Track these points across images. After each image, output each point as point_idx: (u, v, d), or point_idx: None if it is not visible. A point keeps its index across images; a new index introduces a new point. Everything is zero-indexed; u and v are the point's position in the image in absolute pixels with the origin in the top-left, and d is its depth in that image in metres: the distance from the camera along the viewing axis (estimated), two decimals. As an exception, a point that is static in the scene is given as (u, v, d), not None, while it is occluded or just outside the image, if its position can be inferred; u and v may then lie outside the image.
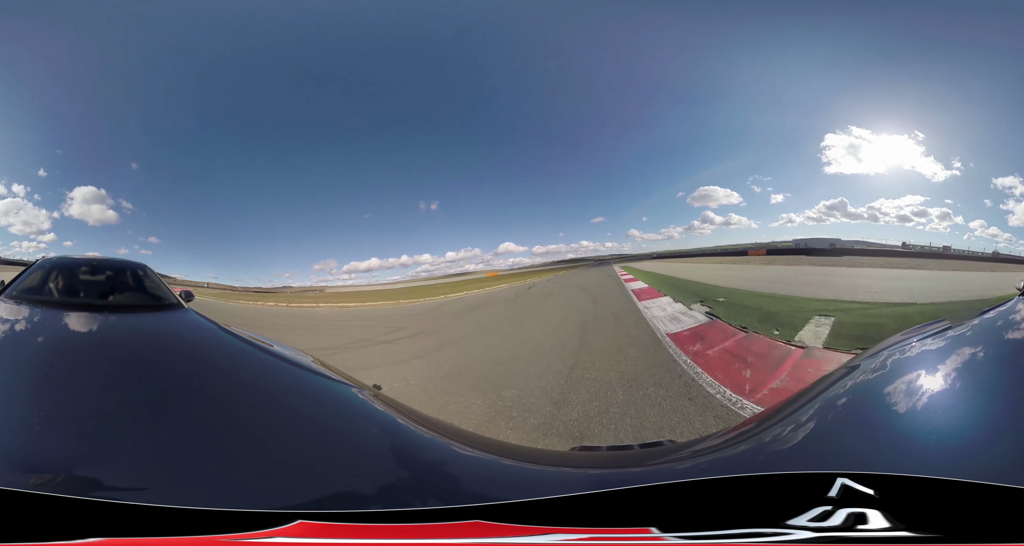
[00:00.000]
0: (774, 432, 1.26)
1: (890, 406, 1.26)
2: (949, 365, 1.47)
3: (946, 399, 1.24)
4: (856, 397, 1.38)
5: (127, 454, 1.17)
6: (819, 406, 1.35)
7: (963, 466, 0.92)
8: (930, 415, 1.18)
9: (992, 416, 1.12)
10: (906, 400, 1.27)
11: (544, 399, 5.41)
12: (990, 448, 1.00)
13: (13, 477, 0.99)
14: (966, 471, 0.89)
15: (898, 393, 1.33)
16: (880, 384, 1.47)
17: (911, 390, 1.32)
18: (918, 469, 0.91)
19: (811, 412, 1.32)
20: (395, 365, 7.39)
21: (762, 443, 1.23)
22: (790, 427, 1.27)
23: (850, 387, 1.44)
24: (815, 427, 1.24)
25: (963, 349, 1.60)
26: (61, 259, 4.10)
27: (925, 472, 0.89)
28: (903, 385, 1.37)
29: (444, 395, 5.76)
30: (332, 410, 1.76)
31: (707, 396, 5.25)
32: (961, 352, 1.57)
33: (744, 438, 1.27)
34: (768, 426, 1.29)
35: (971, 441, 1.03)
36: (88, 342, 2.45)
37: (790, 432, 1.25)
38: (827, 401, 1.37)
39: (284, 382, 2.05)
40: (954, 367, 1.45)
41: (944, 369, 1.44)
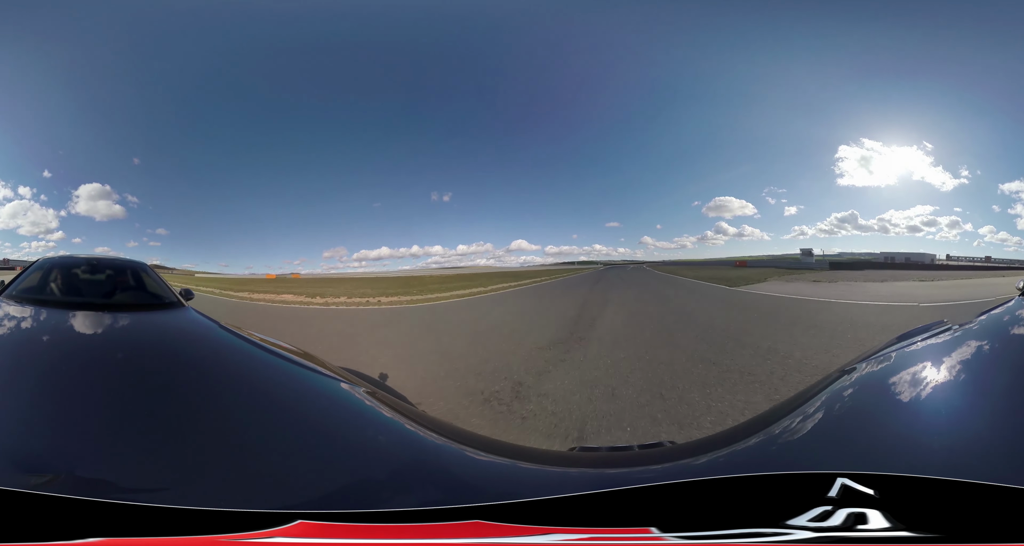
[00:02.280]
0: (774, 432, 1.26)
1: (890, 406, 1.26)
2: (949, 365, 1.47)
3: (946, 399, 1.24)
4: (856, 397, 1.38)
5: (127, 454, 1.17)
6: (819, 406, 1.35)
7: (963, 466, 0.92)
8: (930, 415, 1.18)
9: (992, 416, 1.12)
10: (906, 400, 1.27)
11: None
12: (990, 448, 1.00)
13: (13, 477, 0.99)
14: (966, 471, 0.89)
15: (898, 393, 1.33)
16: (880, 384, 1.47)
17: (911, 390, 1.32)
18: (918, 469, 0.91)
19: (811, 412, 1.32)
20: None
21: (762, 443, 1.23)
22: (790, 427, 1.27)
23: (850, 387, 1.44)
24: (815, 427, 1.24)
25: (963, 349, 1.60)
26: (61, 259, 4.10)
27: (925, 472, 0.89)
28: (903, 385, 1.37)
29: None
30: (333, 409, 1.76)
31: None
32: (961, 352, 1.58)
33: (744, 438, 1.27)
34: (768, 426, 1.29)
35: (971, 441, 1.03)
36: (88, 341, 2.46)
37: (790, 432, 1.25)
38: (827, 401, 1.37)
39: (285, 381, 2.05)
40: (954, 367, 1.45)
41: (944, 369, 1.44)
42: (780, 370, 5.88)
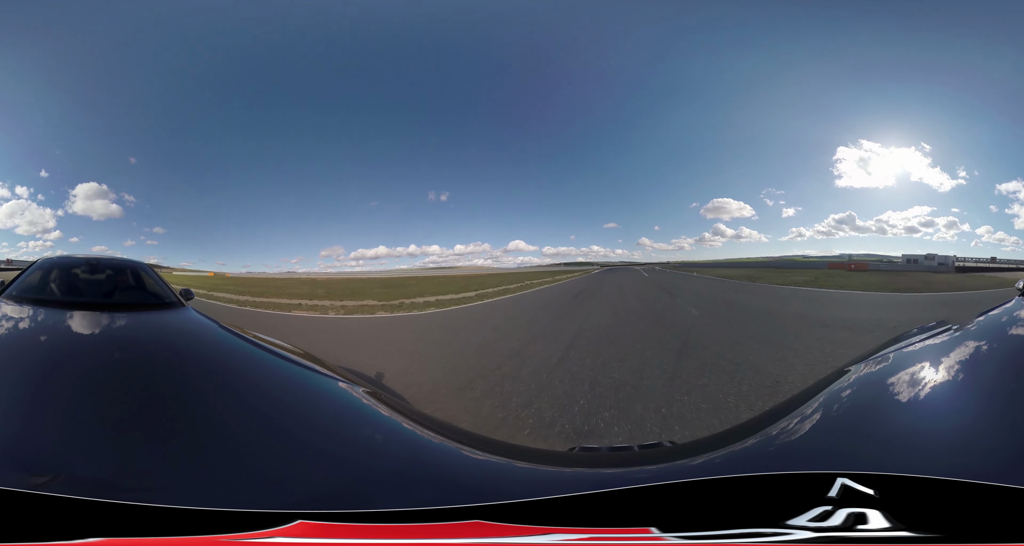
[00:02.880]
0: (774, 432, 1.26)
1: (890, 406, 1.26)
2: (950, 365, 1.47)
3: (946, 399, 1.24)
4: (857, 397, 1.38)
5: (127, 454, 1.17)
6: (819, 406, 1.35)
7: (963, 466, 0.92)
8: (930, 415, 1.18)
9: (992, 416, 1.12)
10: (906, 400, 1.27)
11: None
12: (990, 448, 1.00)
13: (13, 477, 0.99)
14: (966, 471, 0.89)
15: (899, 393, 1.33)
16: (881, 384, 1.47)
17: (912, 390, 1.32)
18: (918, 469, 0.91)
19: (811, 412, 1.32)
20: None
21: (762, 443, 1.23)
22: (790, 427, 1.27)
23: (851, 387, 1.44)
24: (815, 427, 1.24)
25: (963, 349, 1.60)
26: (61, 259, 4.10)
27: (925, 472, 0.89)
28: (904, 385, 1.37)
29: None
30: (332, 409, 1.76)
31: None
32: (961, 352, 1.58)
33: (744, 438, 1.27)
34: (768, 426, 1.29)
35: (971, 441, 1.03)
36: (88, 341, 2.45)
37: (790, 432, 1.25)
38: (828, 401, 1.37)
39: (285, 381, 2.05)
40: (955, 367, 1.45)
41: (944, 369, 1.44)
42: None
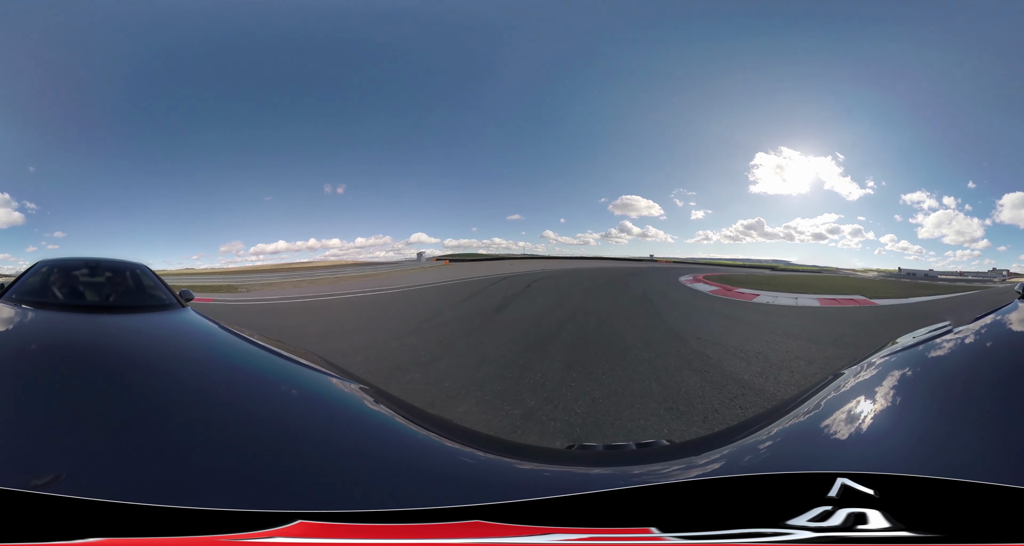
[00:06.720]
0: (774, 432, 1.26)
1: (891, 406, 1.26)
2: (950, 366, 1.47)
3: (946, 400, 1.24)
4: (857, 397, 1.38)
5: (127, 454, 1.17)
6: (820, 406, 1.35)
7: (963, 466, 0.92)
8: (931, 415, 1.18)
9: (992, 417, 1.12)
10: (907, 400, 1.27)
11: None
12: (990, 448, 1.00)
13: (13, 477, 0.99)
14: (966, 471, 0.89)
15: (899, 393, 1.33)
16: (880, 385, 1.47)
17: (912, 390, 1.32)
18: (918, 469, 0.91)
19: (812, 412, 1.32)
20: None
21: (762, 443, 1.23)
22: (789, 427, 1.27)
23: (851, 387, 1.44)
24: (815, 427, 1.24)
25: (964, 350, 1.61)
26: (60, 261, 4.10)
27: (925, 472, 0.90)
28: (904, 386, 1.37)
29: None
30: (332, 409, 1.76)
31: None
32: (960, 354, 1.58)
33: (744, 438, 1.27)
34: (768, 426, 1.29)
35: (971, 441, 1.03)
36: (88, 343, 2.45)
37: (790, 432, 1.25)
38: (828, 401, 1.37)
39: (285, 381, 2.05)
40: (955, 368, 1.45)
41: (945, 370, 1.44)
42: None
